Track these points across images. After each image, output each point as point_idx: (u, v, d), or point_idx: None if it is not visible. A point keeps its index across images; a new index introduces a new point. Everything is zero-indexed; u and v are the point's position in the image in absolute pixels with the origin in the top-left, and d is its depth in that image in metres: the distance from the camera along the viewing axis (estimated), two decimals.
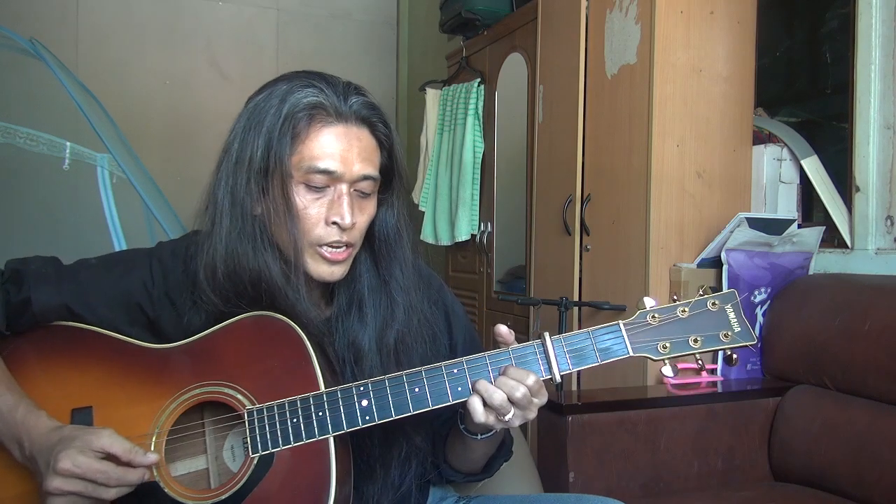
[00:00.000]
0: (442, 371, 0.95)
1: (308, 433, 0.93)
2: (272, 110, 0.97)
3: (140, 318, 1.04)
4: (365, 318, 1.04)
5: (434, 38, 3.95)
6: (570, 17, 2.34)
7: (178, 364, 1.00)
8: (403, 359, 1.03)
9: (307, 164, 0.96)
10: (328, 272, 1.00)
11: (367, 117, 1.00)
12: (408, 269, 1.07)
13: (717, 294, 0.97)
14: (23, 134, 2.37)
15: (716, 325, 0.96)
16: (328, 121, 0.97)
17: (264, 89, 1.01)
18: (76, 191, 3.34)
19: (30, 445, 0.91)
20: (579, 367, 0.95)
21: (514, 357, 0.95)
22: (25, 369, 1.00)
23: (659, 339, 0.95)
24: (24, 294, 1.00)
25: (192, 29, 3.99)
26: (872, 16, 1.86)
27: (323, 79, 1.00)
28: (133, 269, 1.05)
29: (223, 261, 0.97)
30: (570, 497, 1.17)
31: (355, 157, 0.97)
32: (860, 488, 1.52)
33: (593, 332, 0.96)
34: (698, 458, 1.71)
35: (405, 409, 0.94)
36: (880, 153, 1.87)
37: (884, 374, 1.54)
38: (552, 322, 2.27)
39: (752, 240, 1.90)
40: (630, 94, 2.08)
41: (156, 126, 3.86)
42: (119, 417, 0.96)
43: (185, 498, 0.94)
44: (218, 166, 1.02)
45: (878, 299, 1.62)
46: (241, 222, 0.98)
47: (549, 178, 2.46)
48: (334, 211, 0.97)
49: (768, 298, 1.94)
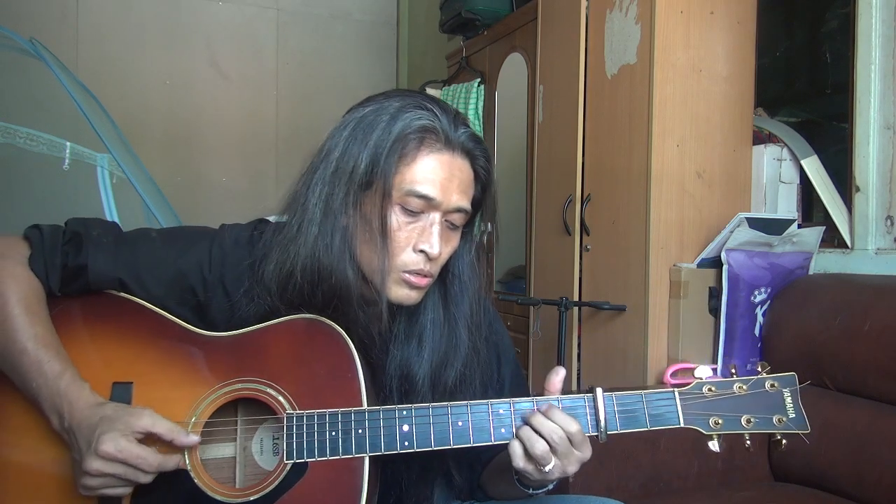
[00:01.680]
0: (488, 409, 0.93)
1: (345, 449, 0.92)
2: (382, 125, 0.95)
3: (190, 300, 1.02)
4: (423, 352, 1.02)
5: (434, 38, 3.95)
6: (570, 17, 2.34)
7: (223, 355, 0.98)
8: (459, 398, 1.01)
9: (408, 187, 0.94)
10: (406, 296, 0.98)
11: (471, 150, 0.99)
12: (478, 309, 1.05)
13: (777, 375, 0.95)
14: (23, 134, 2.37)
15: (771, 408, 0.93)
16: (437, 147, 0.96)
17: (371, 102, 0.99)
18: (76, 191, 3.34)
19: (70, 418, 0.90)
20: (627, 429, 0.93)
21: (563, 406, 0.93)
22: (72, 333, 0.99)
23: (712, 413, 0.93)
24: (82, 260, 0.99)
25: (192, 29, 3.98)
26: (872, 16, 1.86)
27: (437, 103, 0.99)
28: (192, 250, 1.03)
29: (302, 269, 0.95)
30: (570, 497, 1.17)
31: (455, 187, 0.96)
32: (860, 488, 1.52)
33: (646, 395, 0.94)
34: (698, 458, 1.71)
35: (445, 442, 0.92)
36: (880, 153, 1.87)
37: (884, 374, 1.54)
38: (552, 322, 2.27)
39: (752, 240, 1.90)
40: (630, 94, 2.08)
41: (156, 126, 3.86)
42: (158, 398, 0.95)
43: (213, 492, 0.93)
44: (311, 171, 0.99)
45: (878, 299, 1.62)
46: (331, 234, 0.96)
47: (549, 178, 2.46)
48: (424, 238, 0.96)
49: (768, 298, 1.94)
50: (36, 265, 0.98)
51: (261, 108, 4.06)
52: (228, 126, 3.98)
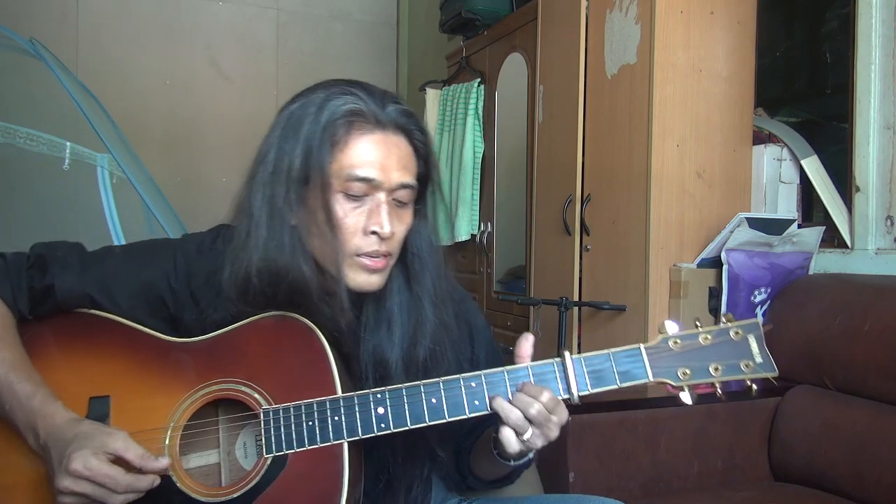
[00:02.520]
0: (460, 383, 0.94)
1: (323, 437, 0.93)
2: (310, 118, 0.95)
3: (161, 310, 1.03)
4: (393, 336, 1.02)
5: (434, 38, 3.95)
6: (570, 17, 2.34)
7: (198, 359, 0.99)
8: (433, 375, 1.01)
9: (346, 172, 0.94)
10: (367, 282, 0.98)
11: (404, 125, 0.98)
12: (441, 283, 1.05)
13: (740, 323, 0.95)
14: (23, 134, 2.37)
15: (737, 355, 0.94)
16: (367, 128, 0.96)
17: (299, 98, 0.99)
18: (76, 191, 3.34)
19: (44, 435, 0.91)
20: (598, 388, 0.94)
21: (533, 374, 0.94)
22: (45, 354, 1.00)
23: (679, 365, 0.94)
24: (48, 280, 1.00)
25: (192, 29, 3.98)
26: (872, 16, 1.86)
27: (360, 86, 0.98)
28: (157, 261, 1.04)
29: (258, 273, 0.96)
30: (570, 497, 1.17)
31: (394, 165, 0.96)
32: (860, 488, 1.52)
33: (614, 354, 0.94)
34: (698, 458, 1.71)
35: (421, 420, 0.93)
36: (880, 153, 1.87)
37: (884, 374, 1.54)
38: (552, 322, 2.27)
39: (752, 240, 1.90)
40: (630, 94, 2.08)
41: (156, 126, 3.86)
42: (136, 408, 0.96)
43: (197, 494, 0.94)
44: (251, 177, 0.99)
45: (878, 299, 1.62)
46: (280, 233, 0.96)
47: (549, 178, 2.46)
48: (373, 220, 0.95)
49: (768, 298, 1.94)
50: (3, 291, 0.99)
51: (261, 108, 4.06)
52: (228, 126, 3.98)
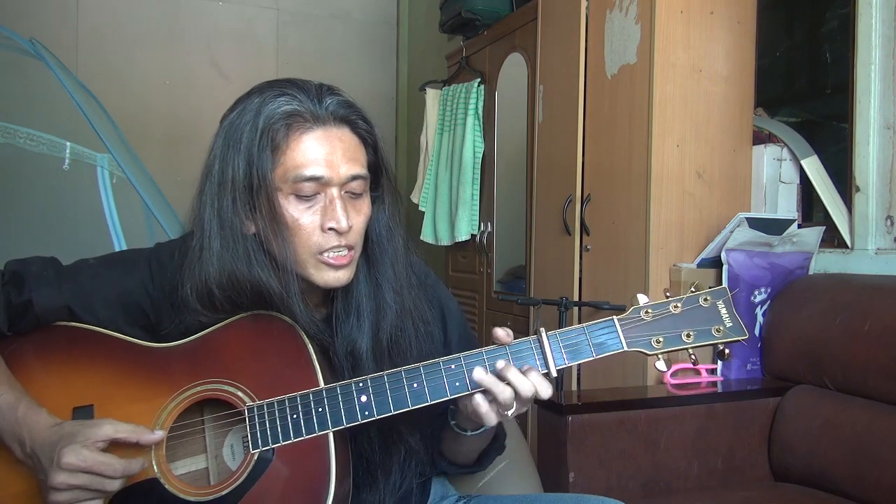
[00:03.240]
0: (440, 367, 0.95)
1: (308, 429, 0.94)
2: (248, 126, 0.95)
3: (139, 318, 1.04)
4: (362, 326, 1.03)
5: (434, 38, 3.95)
6: (570, 17, 2.34)
7: (179, 362, 1.00)
8: (398, 361, 1.02)
9: (293, 174, 0.94)
10: (334, 278, 0.98)
11: (345, 116, 0.97)
12: (400, 268, 1.05)
13: (708, 290, 0.99)
14: (23, 134, 2.37)
15: (708, 321, 0.97)
16: (306, 126, 0.95)
17: (237, 105, 1.00)
18: (76, 191, 3.34)
19: (31, 442, 0.91)
20: (575, 361, 0.96)
21: (511, 353, 0.95)
22: (27, 369, 1.00)
23: (652, 334, 0.97)
24: (26, 296, 1.00)
25: (192, 29, 3.98)
26: (872, 16, 1.86)
27: (294, 85, 0.98)
28: (132, 270, 1.05)
29: (218, 285, 0.96)
30: (570, 497, 1.17)
31: (340, 158, 0.96)
32: (860, 488, 1.52)
33: (588, 327, 0.96)
34: (698, 458, 1.71)
35: (404, 405, 0.94)
36: (880, 153, 1.87)
37: (884, 374, 1.54)
38: (552, 322, 2.27)
39: (752, 240, 1.90)
40: (630, 94, 2.08)
41: (156, 126, 3.86)
42: (120, 415, 0.96)
43: (185, 494, 0.94)
44: (200, 189, 0.99)
45: (878, 299, 1.62)
46: (233, 243, 0.96)
47: (549, 178, 2.46)
48: (329, 217, 0.95)
49: (768, 298, 1.94)
50: None
51: None
52: None
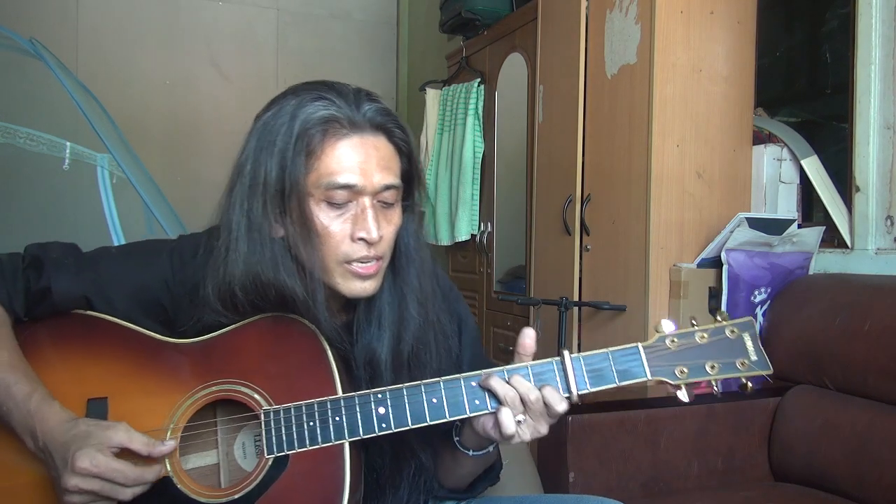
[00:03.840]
0: (461, 383, 0.94)
1: (324, 437, 0.93)
2: (283, 128, 0.93)
3: (157, 311, 1.03)
4: (383, 335, 1.01)
5: (434, 38, 3.95)
6: (570, 17, 2.34)
7: (196, 360, 0.99)
8: (417, 374, 1.01)
9: (326, 181, 0.92)
10: (361, 288, 0.97)
11: (382, 124, 0.95)
12: (426, 279, 1.03)
13: (735, 321, 0.97)
14: (23, 134, 2.37)
15: (733, 353, 0.95)
16: (343, 133, 0.93)
17: (272, 105, 0.97)
18: (76, 191, 3.34)
19: (43, 437, 0.90)
20: (597, 387, 0.94)
21: (533, 373, 0.94)
22: (42, 356, 0.99)
23: (677, 363, 0.95)
24: (44, 283, 0.99)
25: (192, 29, 3.99)
26: (872, 16, 1.86)
27: (332, 89, 0.95)
28: (153, 262, 1.03)
29: (242, 287, 0.95)
30: (570, 497, 1.17)
31: (374, 167, 0.93)
32: (860, 488, 1.52)
33: (612, 352, 0.95)
34: (698, 458, 1.71)
35: (422, 419, 0.93)
36: (880, 153, 1.87)
37: (884, 374, 1.54)
38: (552, 322, 2.27)
39: (752, 240, 1.90)
40: (630, 94, 2.08)
41: (156, 126, 3.86)
42: (134, 409, 0.95)
43: (197, 495, 0.93)
44: (230, 189, 0.97)
45: (878, 299, 1.62)
46: (261, 247, 0.94)
47: (549, 178, 2.46)
48: (359, 226, 0.93)
49: (768, 298, 1.94)
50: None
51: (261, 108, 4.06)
52: (228, 126, 3.98)
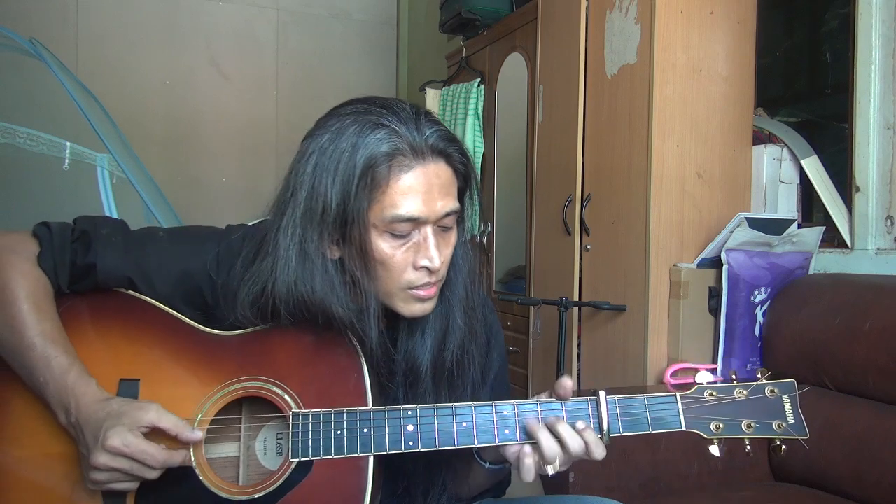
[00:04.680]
0: (492, 410, 0.93)
1: (350, 448, 0.92)
2: (345, 157, 0.89)
3: (197, 299, 1.02)
4: (426, 343, 1.01)
5: (434, 38, 3.95)
6: (570, 17, 2.34)
7: (230, 353, 0.98)
8: (458, 381, 1.00)
9: (390, 214, 0.90)
10: (422, 310, 0.96)
11: (443, 149, 0.93)
12: (473, 289, 1.03)
13: (776, 382, 0.96)
14: (23, 134, 2.37)
15: (771, 414, 0.94)
16: (406, 163, 0.90)
17: (327, 126, 0.93)
18: (76, 191, 3.34)
19: (76, 412, 0.91)
20: (630, 432, 0.93)
21: (567, 410, 0.93)
22: (79, 330, 0.99)
23: (713, 417, 0.94)
24: (91, 259, 0.98)
25: (192, 29, 3.98)
26: (872, 16, 1.86)
27: (392, 112, 0.92)
28: (200, 250, 1.03)
29: (286, 306, 0.94)
30: (570, 497, 1.17)
31: (437, 194, 0.92)
32: (860, 488, 1.52)
33: (649, 399, 0.95)
34: (698, 458, 1.71)
35: (450, 442, 0.92)
36: (880, 153, 1.87)
37: (884, 374, 1.54)
38: (552, 322, 2.27)
39: (752, 240, 1.90)
40: (630, 94, 2.08)
41: (156, 126, 3.86)
42: (164, 395, 0.95)
43: (218, 489, 0.93)
44: (280, 210, 0.94)
45: (878, 299, 1.62)
46: (311, 274, 0.93)
47: (549, 178, 2.46)
48: (422, 254, 0.92)
49: (768, 298, 1.94)
50: (45, 262, 0.98)
51: (261, 108, 4.06)
52: (228, 126, 3.99)
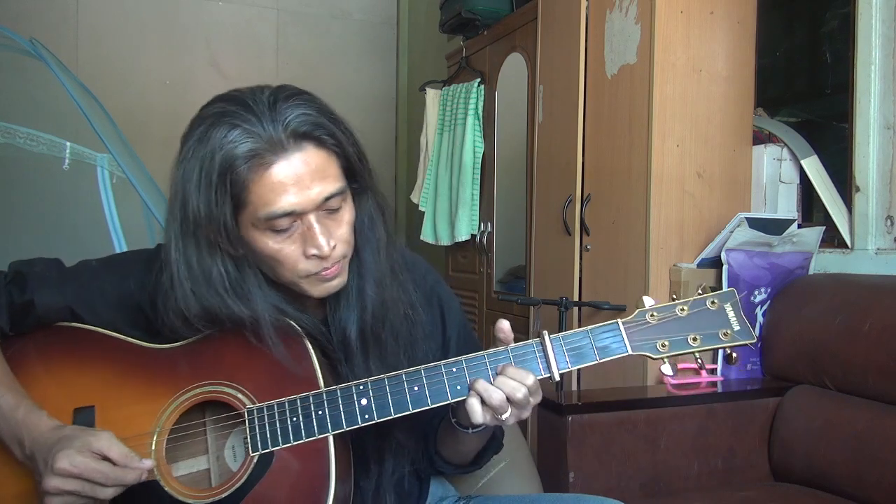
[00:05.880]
0: (441, 370, 0.95)
1: (308, 432, 0.94)
2: (205, 163, 0.88)
3: (140, 319, 1.04)
4: (351, 314, 1.01)
5: (434, 38, 3.95)
6: (570, 17, 2.34)
7: (180, 363, 1.00)
8: (387, 351, 1.01)
9: (264, 213, 0.88)
10: (328, 288, 0.97)
11: (307, 132, 0.89)
12: (382, 257, 1.02)
13: (716, 293, 0.97)
14: (23, 134, 2.37)
15: (715, 324, 0.95)
16: (267, 159, 0.87)
17: (193, 132, 0.92)
18: (76, 191, 3.34)
19: (30, 444, 0.92)
20: (578, 365, 0.95)
21: (513, 356, 0.95)
22: (28, 369, 1.01)
23: (658, 337, 0.95)
24: (28, 296, 1.00)
25: (192, 29, 3.99)
26: (872, 16, 1.86)
27: (247, 108, 0.89)
28: (132, 270, 1.05)
29: (196, 317, 0.94)
30: (570, 497, 1.17)
31: (309, 183, 0.89)
32: (860, 488, 1.52)
33: (592, 330, 0.95)
34: (698, 458, 1.71)
35: (404, 408, 0.94)
36: (880, 153, 1.87)
37: (884, 374, 1.54)
38: (552, 322, 2.27)
39: (752, 240, 1.90)
40: (630, 94, 2.08)
41: (156, 126, 3.86)
42: (121, 416, 0.97)
43: (183, 496, 0.94)
44: (167, 219, 0.95)
45: (878, 299, 1.62)
46: (205, 285, 0.93)
47: (549, 178, 2.46)
48: (309, 244, 0.91)
49: (768, 298, 1.94)
50: None
51: None
52: None
